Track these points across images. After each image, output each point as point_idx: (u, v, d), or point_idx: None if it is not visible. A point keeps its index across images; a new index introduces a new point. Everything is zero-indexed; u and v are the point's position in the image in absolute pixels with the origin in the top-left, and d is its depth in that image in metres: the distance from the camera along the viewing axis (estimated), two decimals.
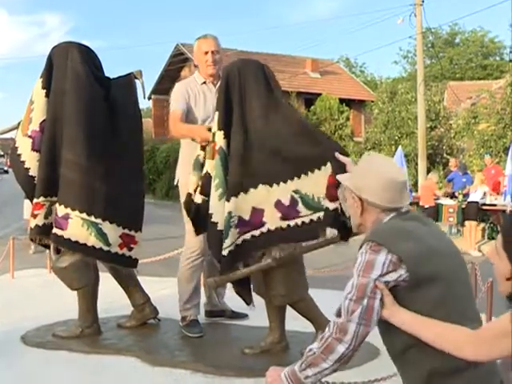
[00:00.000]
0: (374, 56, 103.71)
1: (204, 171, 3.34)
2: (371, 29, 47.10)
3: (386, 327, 1.80)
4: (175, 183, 3.94)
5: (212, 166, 3.27)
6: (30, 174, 3.70)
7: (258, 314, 3.77)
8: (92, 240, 3.59)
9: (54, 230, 3.62)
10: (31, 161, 3.70)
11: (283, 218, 3.13)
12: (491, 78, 28.33)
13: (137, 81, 3.92)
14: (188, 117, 3.76)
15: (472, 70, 33.89)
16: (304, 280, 3.37)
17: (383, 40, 74.42)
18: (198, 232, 3.49)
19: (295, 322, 3.51)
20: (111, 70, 3.88)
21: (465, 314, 1.74)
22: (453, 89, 20.99)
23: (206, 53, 3.77)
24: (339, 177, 2.25)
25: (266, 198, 3.14)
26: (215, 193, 3.21)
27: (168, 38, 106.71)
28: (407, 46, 35.68)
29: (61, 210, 3.57)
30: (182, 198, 3.71)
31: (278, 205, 3.13)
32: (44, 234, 3.73)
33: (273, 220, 3.14)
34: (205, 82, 3.84)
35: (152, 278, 5.27)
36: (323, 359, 1.76)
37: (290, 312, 3.41)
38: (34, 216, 3.68)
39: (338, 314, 1.78)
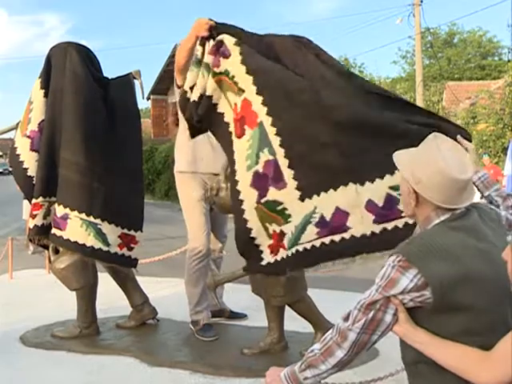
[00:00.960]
0: (373, 56, 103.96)
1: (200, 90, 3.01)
2: (370, 29, 47.45)
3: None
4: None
5: (213, 88, 2.98)
6: (29, 174, 3.70)
7: (257, 314, 3.77)
8: (91, 240, 3.59)
9: (53, 231, 3.62)
10: (30, 161, 3.70)
11: (378, 222, 2.69)
12: (490, 79, 28.31)
13: (135, 81, 3.92)
14: None
15: (470, 70, 33.86)
16: (303, 280, 3.36)
17: (382, 40, 74.62)
18: (193, 135, 3.24)
19: (294, 322, 3.50)
20: (110, 70, 3.90)
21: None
22: (451, 89, 21.01)
23: None
24: (397, 157, 1.84)
25: (354, 200, 2.71)
26: (244, 163, 2.92)
27: (167, 38, 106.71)
28: (406, 46, 35.61)
29: (60, 210, 3.57)
30: (180, 188, 3.72)
31: (370, 206, 2.69)
32: (43, 235, 3.73)
33: (363, 224, 2.71)
34: None
35: (151, 279, 5.26)
36: (322, 361, 1.74)
37: (289, 312, 3.40)
38: (33, 216, 3.68)
39: (346, 318, 1.73)
